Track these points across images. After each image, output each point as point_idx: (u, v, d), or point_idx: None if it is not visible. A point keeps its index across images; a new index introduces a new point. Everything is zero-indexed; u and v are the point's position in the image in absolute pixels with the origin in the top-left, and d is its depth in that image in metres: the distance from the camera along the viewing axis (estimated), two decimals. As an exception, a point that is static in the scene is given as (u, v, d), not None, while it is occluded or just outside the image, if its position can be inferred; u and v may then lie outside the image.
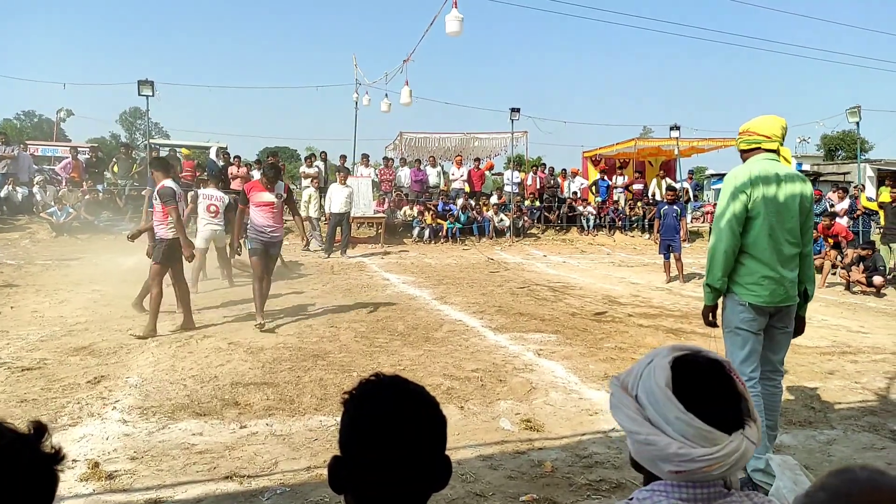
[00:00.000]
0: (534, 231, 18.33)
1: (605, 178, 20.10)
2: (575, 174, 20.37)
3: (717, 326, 3.33)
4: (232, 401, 4.35)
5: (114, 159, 17.67)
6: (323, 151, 18.68)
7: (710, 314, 3.33)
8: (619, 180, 20.09)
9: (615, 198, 19.83)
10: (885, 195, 11.71)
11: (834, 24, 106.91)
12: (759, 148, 3.23)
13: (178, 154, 19.71)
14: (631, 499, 1.07)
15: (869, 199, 15.63)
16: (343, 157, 18.03)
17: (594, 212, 18.78)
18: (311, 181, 16.35)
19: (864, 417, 4.26)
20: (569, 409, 4.33)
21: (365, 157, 18.07)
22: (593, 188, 19.98)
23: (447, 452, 1.09)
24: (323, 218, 15.01)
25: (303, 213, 13.34)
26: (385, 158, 19.27)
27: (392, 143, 20.89)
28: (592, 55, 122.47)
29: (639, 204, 19.24)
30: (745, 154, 3.31)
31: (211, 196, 9.61)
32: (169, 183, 6.40)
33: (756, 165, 3.18)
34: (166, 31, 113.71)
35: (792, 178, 3.18)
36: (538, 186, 19.42)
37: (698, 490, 1.01)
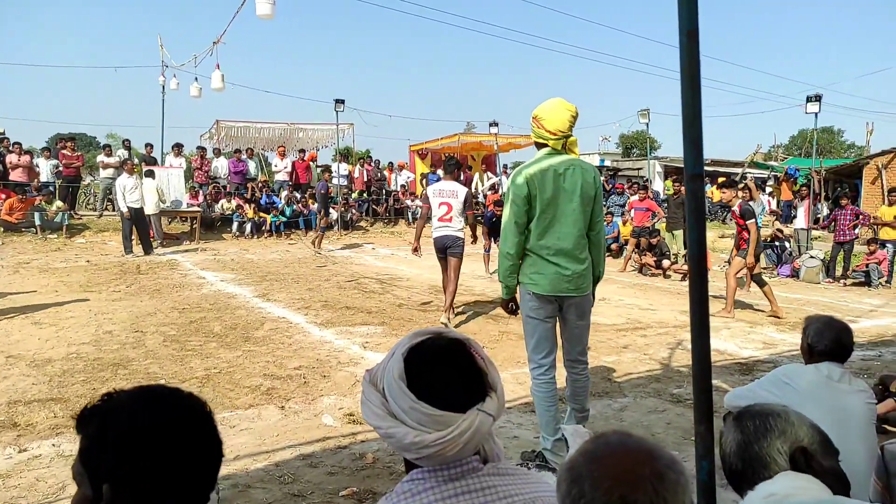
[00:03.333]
0: (362, 224, 18.28)
1: (434, 171, 20.61)
2: (402, 167, 20.65)
3: (517, 314, 3.45)
4: (9, 422, 3.77)
5: None
6: (126, 139, 16.96)
7: (509, 304, 3.45)
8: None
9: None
10: (670, 189, 13.43)
11: (627, 34, 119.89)
12: (545, 144, 3.24)
13: None
14: (394, 492, 1.08)
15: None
16: (149, 146, 16.46)
17: (421, 205, 19.18)
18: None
19: (650, 384, 4.81)
20: (392, 399, 4.34)
21: (178, 146, 16.67)
22: (424, 181, 20.39)
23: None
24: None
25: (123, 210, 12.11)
26: (199, 148, 17.96)
27: (207, 132, 19.55)
28: (417, 51, 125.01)
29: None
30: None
31: None
32: None
33: (533, 166, 3.18)
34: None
35: (572, 170, 3.16)
36: (366, 179, 19.39)
37: (453, 470, 1.05)
